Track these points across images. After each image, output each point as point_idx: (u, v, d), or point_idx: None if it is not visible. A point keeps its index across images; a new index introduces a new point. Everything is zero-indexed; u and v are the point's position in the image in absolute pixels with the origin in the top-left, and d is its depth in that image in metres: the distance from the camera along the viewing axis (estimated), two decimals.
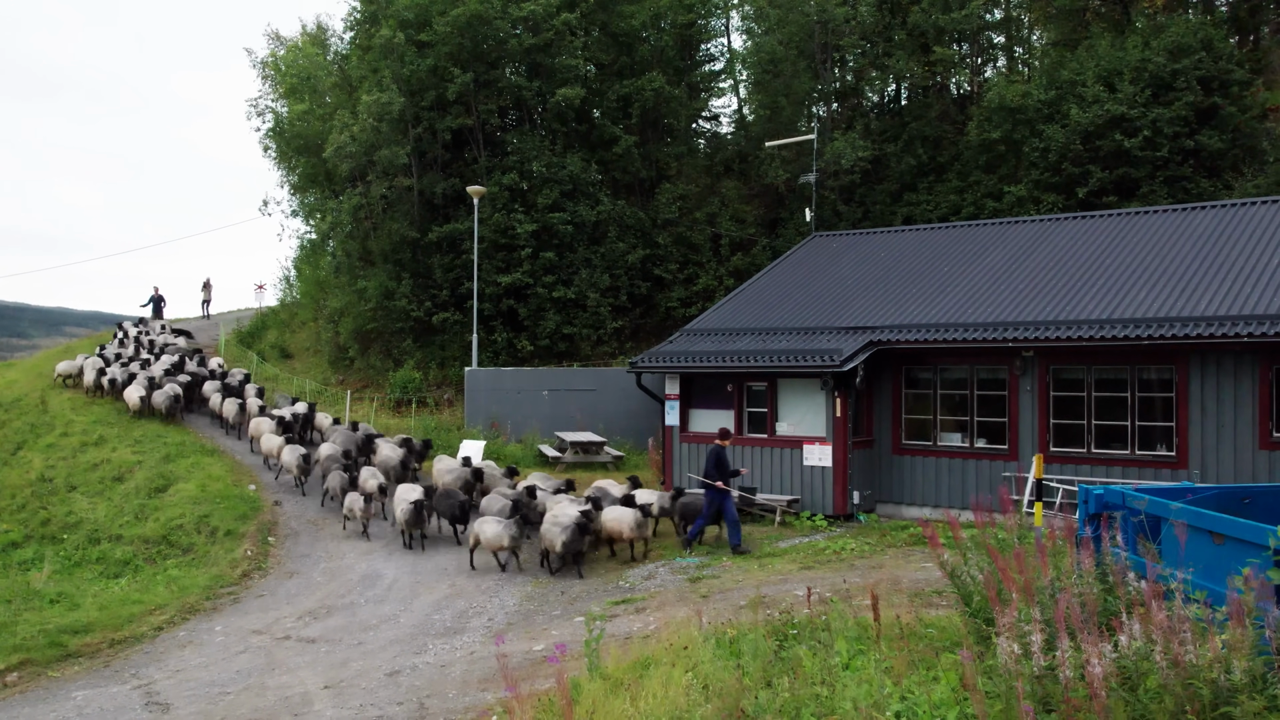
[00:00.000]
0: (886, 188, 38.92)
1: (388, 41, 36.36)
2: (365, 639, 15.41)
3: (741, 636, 10.75)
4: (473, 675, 13.06)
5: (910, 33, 40.08)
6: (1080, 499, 9.08)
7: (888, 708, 7.25)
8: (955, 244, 26.38)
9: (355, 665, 14.02)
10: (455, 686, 12.66)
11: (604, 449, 28.14)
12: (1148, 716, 5.76)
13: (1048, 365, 20.55)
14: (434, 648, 14.62)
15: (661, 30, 42.07)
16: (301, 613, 17.18)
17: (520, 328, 37.08)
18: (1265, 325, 17.84)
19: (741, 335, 24.45)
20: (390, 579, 18.95)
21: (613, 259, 37.74)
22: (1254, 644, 5.77)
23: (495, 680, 12.33)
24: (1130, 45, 35.34)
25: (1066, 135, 33.92)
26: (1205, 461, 18.72)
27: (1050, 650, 6.18)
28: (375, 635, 15.59)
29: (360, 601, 17.67)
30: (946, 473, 21.57)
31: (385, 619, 16.50)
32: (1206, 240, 22.05)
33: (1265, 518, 7.07)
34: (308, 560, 20.69)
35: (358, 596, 17.99)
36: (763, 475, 22.57)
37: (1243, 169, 33.15)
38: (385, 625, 16.14)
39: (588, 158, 38.80)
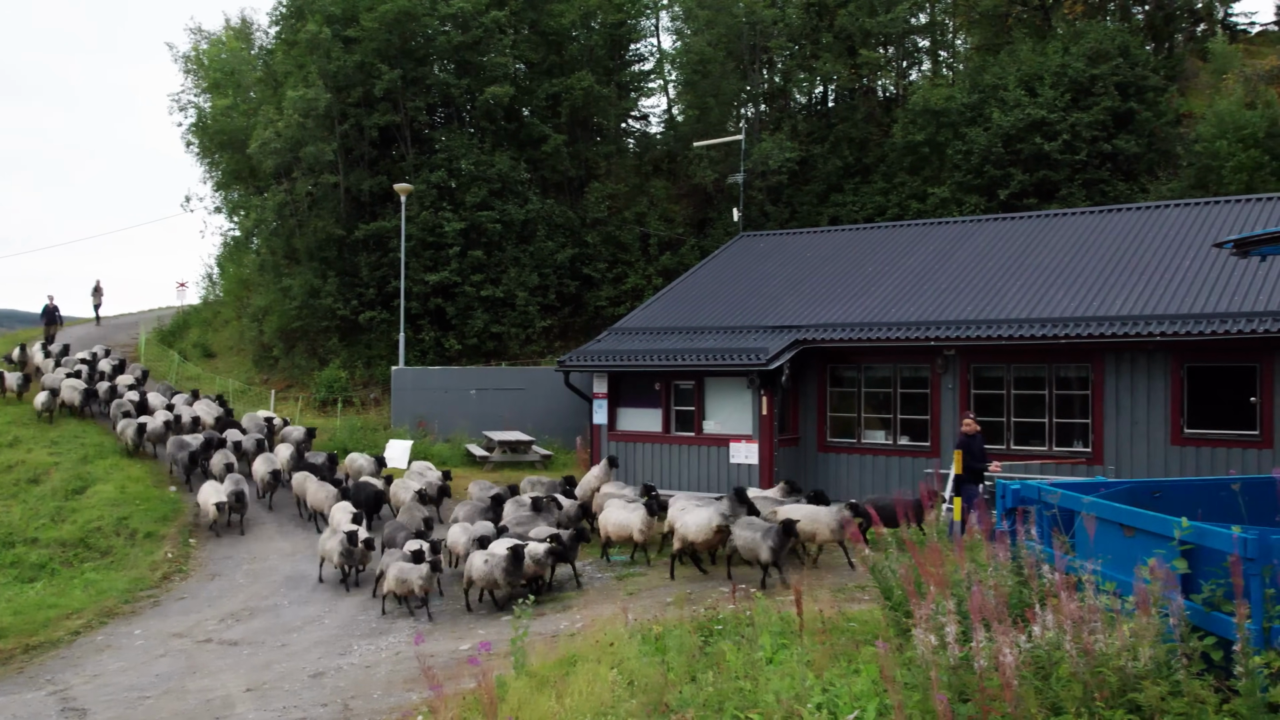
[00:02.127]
0: (813, 188, 39.31)
1: (314, 37, 35.93)
2: (289, 641, 15.23)
3: (667, 632, 10.82)
4: (398, 675, 12.98)
5: (837, 35, 40.52)
6: (998, 494, 9.26)
7: (809, 700, 7.34)
8: (880, 244, 26.73)
9: (279, 667, 13.86)
10: (380, 687, 12.57)
11: (532, 448, 28.08)
12: (1058, 704, 5.89)
13: (969, 364, 20.91)
14: (359, 648, 14.50)
15: (591, 30, 42.05)
16: (224, 615, 16.93)
17: (448, 326, 36.83)
18: (1177, 325, 18.32)
19: (669, 334, 24.54)
20: (314, 580, 18.74)
21: (541, 258, 37.64)
22: (1159, 632, 5.93)
23: (421, 680, 12.26)
24: (1051, 51, 36.08)
25: (988, 138, 34.53)
26: (1120, 457, 19.18)
27: (966, 641, 6.30)
28: (299, 637, 15.41)
29: (284, 603, 17.45)
30: (870, 469, 21.86)
31: (310, 620, 16.32)
32: (1122, 242, 22.58)
33: (1175, 511, 7.26)
34: (230, 562, 20.38)
35: (281, 598, 17.77)
36: (689, 473, 22.69)
37: (1158, 173, 34.01)
38: (310, 626, 15.96)
39: (516, 156, 38.65)
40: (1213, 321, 18.11)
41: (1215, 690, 5.78)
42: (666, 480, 22.81)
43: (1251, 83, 34.73)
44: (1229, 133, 31.57)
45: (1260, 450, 17.98)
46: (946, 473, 19.61)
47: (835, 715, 7.08)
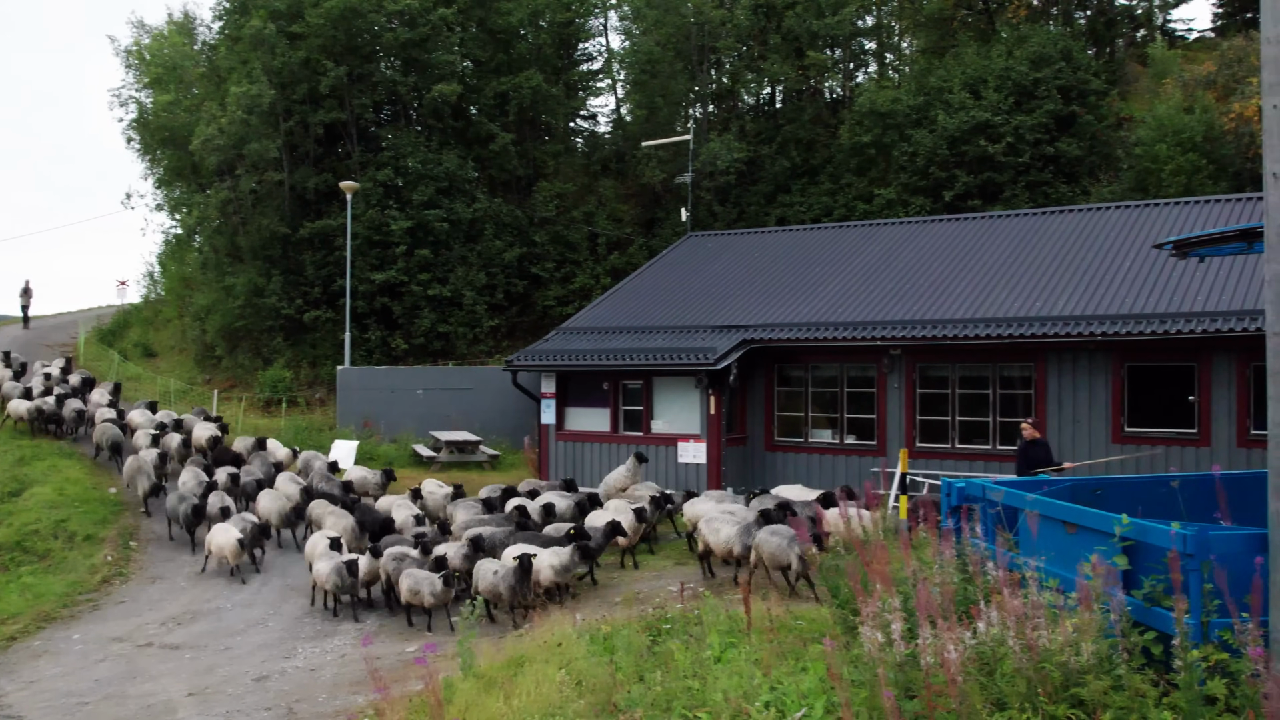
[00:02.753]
0: (761, 189, 39.47)
1: (258, 32, 35.50)
2: (232, 644, 15.02)
3: (615, 632, 10.81)
4: (343, 678, 12.86)
5: (785, 37, 40.72)
6: (943, 492, 9.34)
7: (757, 698, 7.36)
8: (827, 245, 26.91)
9: (222, 671, 13.67)
10: (325, 690, 12.44)
11: (480, 448, 27.94)
12: (1003, 699, 5.95)
13: (914, 363, 21.10)
14: (304, 651, 14.34)
15: (540, 28, 41.94)
16: (165, 619, 16.66)
17: (395, 326, 36.56)
18: (1118, 324, 18.61)
19: (618, 334, 24.53)
20: (259, 582, 18.51)
21: (489, 257, 37.47)
22: (1101, 627, 6.01)
23: (367, 683, 12.14)
24: (995, 54, 36.52)
25: (934, 140, 34.86)
26: (1062, 455, 19.41)
27: (912, 638, 6.34)
28: (243, 640, 15.21)
29: (227, 606, 17.21)
30: (818, 468, 21.98)
31: (253, 623, 16.11)
32: (1064, 243, 22.89)
33: (1116, 508, 7.37)
34: (172, 565, 20.07)
35: (224, 601, 17.52)
36: (640, 473, 22.66)
37: (1099, 175, 34.53)
38: (253, 630, 15.76)
39: (464, 155, 38.45)
40: (1152, 322, 18.42)
41: (1155, 684, 5.87)
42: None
43: (1189, 88, 35.34)
44: (1168, 136, 32.12)
45: (1198, 448, 18.32)
46: (893, 471, 19.78)
47: (783, 713, 7.11)
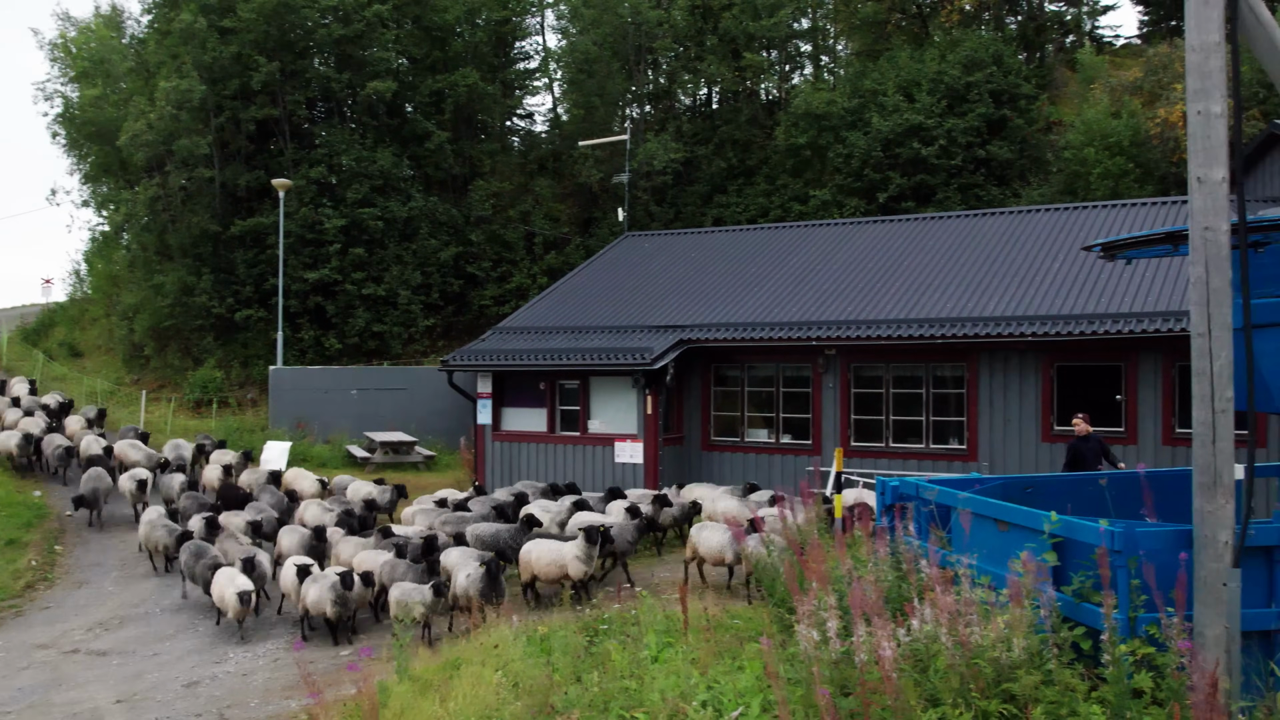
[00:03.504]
0: (698, 189, 39.61)
1: (188, 26, 34.92)
2: (161, 649, 14.75)
3: (552, 633, 10.77)
4: (276, 683, 12.68)
5: (721, 38, 40.91)
6: (878, 491, 9.43)
7: (694, 698, 7.37)
8: (763, 245, 27.05)
9: (150, 677, 13.41)
10: (257, 695, 12.26)
11: (415, 449, 27.73)
12: (936, 695, 6.01)
13: (849, 363, 21.28)
14: (235, 656, 14.11)
15: (476, 26, 41.72)
16: (92, 624, 16.31)
17: (328, 325, 36.16)
18: (1048, 325, 18.92)
19: (555, 334, 24.46)
20: (189, 586, 18.19)
21: (425, 256, 37.20)
22: (1032, 623, 6.10)
23: (300, 687, 11.99)
24: (928, 58, 36.98)
25: (868, 142, 35.22)
26: (994, 453, 19.73)
27: (847, 636, 6.39)
28: (172, 645, 14.94)
29: (156, 611, 16.89)
30: (754, 467, 22.09)
31: (183, 628, 15.82)
32: (996, 245, 23.23)
33: (1046, 506, 7.48)
34: (99, 569, 19.65)
35: (153, 605, 17.19)
36: (574, 473, 22.63)
37: (1029, 178, 35.12)
38: (183, 634, 15.48)
39: (399, 153, 38.13)
40: (1081, 322, 18.74)
41: (1084, 678, 5.96)
42: (550, 481, 22.70)
43: (1117, 93, 36.05)
44: (1096, 141, 32.74)
45: (1126, 446, 18.67)
46: (828, 470, 19.93)
47: (720, 712, 7.12)
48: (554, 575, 14.56)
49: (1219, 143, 6.22)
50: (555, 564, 14.48)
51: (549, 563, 14.52)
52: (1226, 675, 5.86)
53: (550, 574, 14.57)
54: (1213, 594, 6.06)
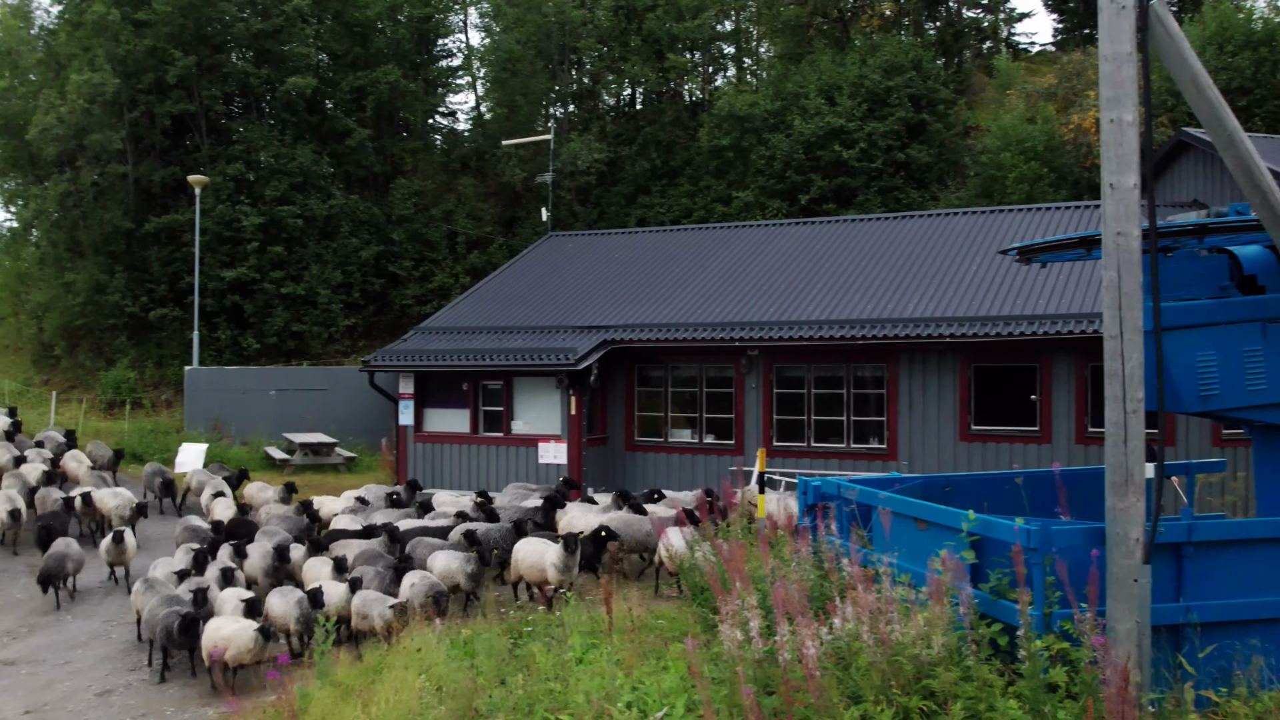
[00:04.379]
0: (621, 190, 39.66)
1: (101, 18, 34.07)
2: (73, 658, 14.36)
3: (476, 636, 10.70)
4: (192, 691, 12.42)
5: (645, 39, 40.99)
6: (800, 491, 9.52)
7: (619, 698, 7.37)
8: (687, 246, 27.16)
9: (61, 687, 13.05)
10: (173, 703, 12.01)
11: (335, 450, 27.38)
12: (858, 692, 6.09)
13: (772, 364, 21.46)
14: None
15: (398, 23, 41.33)
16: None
17: (246, 325, 35.55)
18: (965, 326, 19.26)
19: (478, 334, 24.33)
20: (103, 592, 17.76)
21: (345, 255, 36.74)
22: (951, 620, 6.21)
23: (218, 695, 11.77)
24: (849, 61, 37.44)
25: (790, 144, 35.54)
26: (913, 453, 20.03)
27: (771, 635, 6.44)
28: (85, 653, 14.56)
29: (68, 617, 16.45)
30: (677, 468, 22.17)
31: (96, 635, 15.43)
32: (915, 247, 23.58)
33: (964, 504, 7.62)
34: (7, 575, 19.08)
35: (65, 611, 16.74)
36: (497, 474, 22.53)
37: (947, 182, 35.74)
38: (96, 642, 15.10)
39: (319, 150, 37.61)
40: (997, 324, 19.10)
41: (1002, 674, 6.08)
42: (473, 482, 22.58)
43: (1032, 99, 36.85)
44: (1012, 145, 33.41)
45: (1040, 445, 19.08)
46: (751, 470, 20.07)
47: (645, 713, 7.14)
48: (535, 578, 14.46)
49: (1131, 150, 6.38)
50: (536, 567, 14.41)
51: (530, 565, 14.47)
52: (1137, 669, 6.02)
53: (532, 576, 14.48)
54: (1124, 590, 6.22)
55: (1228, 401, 7.85)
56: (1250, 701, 6.12)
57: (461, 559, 14.19)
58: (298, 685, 10.08)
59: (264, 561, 15.06)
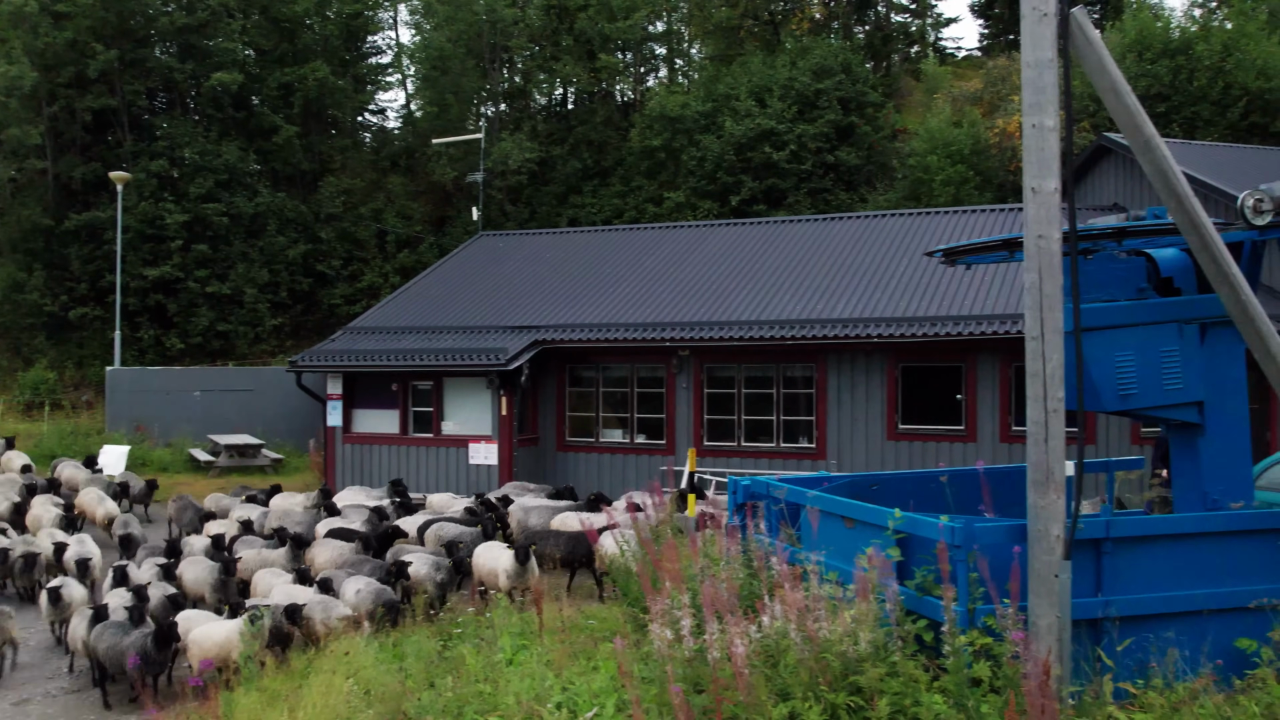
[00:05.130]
0: (553, 189, 39.58)
1: (18, 9, 33.27)
2: None
3: (405, 639, 10.62)
4: (114, 699, 12.17)
5: (577, 39, 40.97)
6: (730, 490, 9.57)
7: (549, 699, 7.36)
8: (618, 246, 27.18)
9: None
10: (94, 711, 11.77)
11: (261, 452, 26.99)
12: (786, 690, 6.13)
13: (702, 364, 21.55)
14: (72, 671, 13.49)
15: (327, 19, 40.86)
16: None
17: (170, 325, 34.93)
18: (893, 327, 19.49)
19: (407, 334, 24.12)
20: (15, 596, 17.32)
21: (272, 253, 36.24)
22: (877, 617, 6.27)
23: (140, 703, 11.54)
24: (779, 64, 37.74)
25: (721, 146, 35.74)
26: (842, 452, 20.23)
27: (700, 634, 6.46)
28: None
29: None
30: (609, 468, 22.18)
31: None
32: (844, 248, 23.83)
33: (891, 503, 7.70)
34: None
35: None
36: (427, 475, 22.36)
37: (876, 184, 36.18)
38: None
39: (246, 147, 37.06)
40: (924, 324, 19.37)
41: (927, 669, 6.16)
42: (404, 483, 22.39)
43: (958, 103, 37.43)
44: (939, 149, 33.91)
45: (966, 444, 19.38)
46: (681, 470, 20.14)
47: (575, 713, 7.13)
48: (490, 583, 14.28)
49: (1052, 154, 6.50)
50: (491, 572, 14.27)
51: (488, 571, 14.31)
52: (1058, 662, 6.13)
53: (490, 581, 14.30)
54: (1045, 585, 6.33)
55: (1146, 400, 8.03)
56: (1166, 693, 6.26)
57: (431, 564, 13.77)
58: (223, 691, 9.93)
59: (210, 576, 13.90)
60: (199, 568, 14.19)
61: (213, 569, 13.88)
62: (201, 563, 14.34)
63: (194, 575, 14.10)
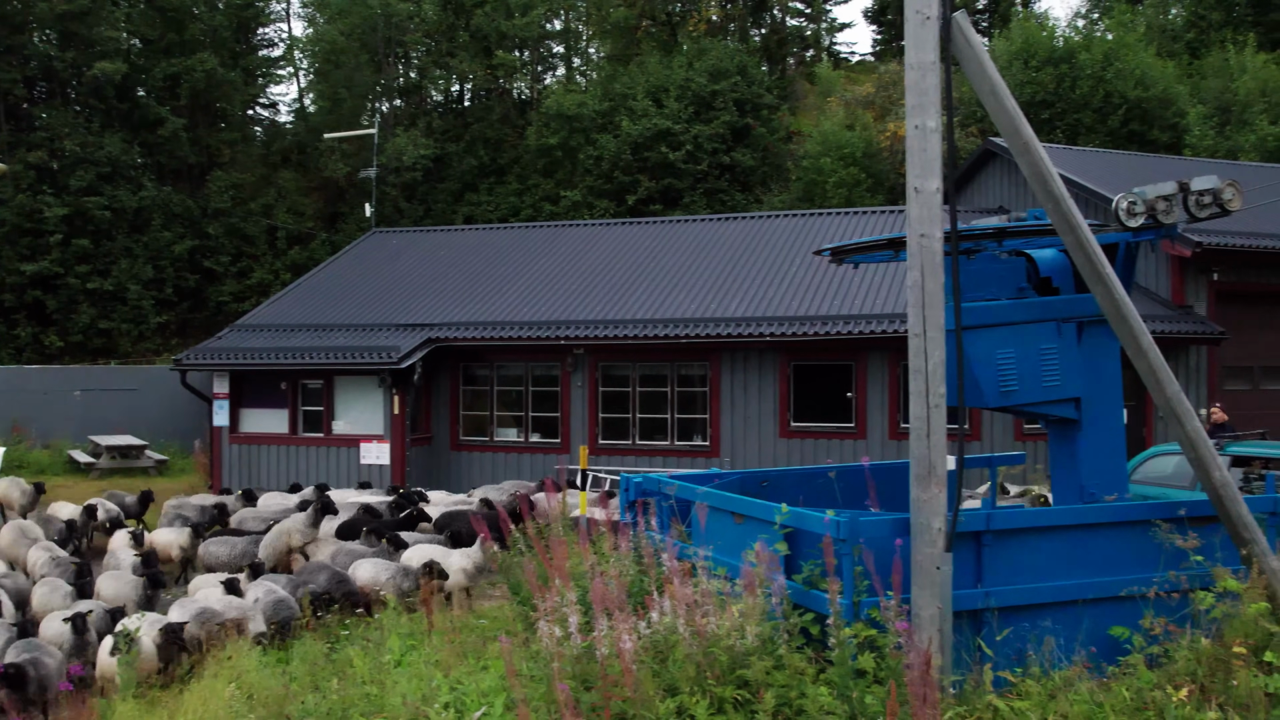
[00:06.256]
0: (448, 187, 39.22)
1: None
2: None
3: (290, 642, 10.41)
4: None
5: (474, 35, 40.67)
6: (622, 487, 9.58)
7: (436, 700, 7.27)
8: (514, 245, 27.04)
9: None
10: None
11: (145, 453, 26.23)
12: (675, 685, 6.14)
13: (597, 362, 21.55)
14: None
15: (215, 9, 39.86)
16: None
17: (48, 322, 33.73)
18: (785, 325, 19.73)
19: (297, 331, 23.66)
20: None
21: (157, 249, 35.23)
22: (764, 611, 6.33)
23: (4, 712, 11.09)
24: (676, 65, 37.96)
25: (618, 145, 35.80)
26: (735, 449, 20.41)
27: (589, 631, 6.44)
28: None
29: None
30: (503, 466, 22.05)
31: None
32: (738, 248, 24.04)
33: (781, 498, 7.76)
34: None
35: None
36: (318, 475, 21.96)
37: (770, 185, 36.59)
38: None
39: (130, 139, 35.96)
40: (815, 323, 19.64)
41: (813, 662, 6.23)
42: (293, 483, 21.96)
43: (851, 107, 38.06)
44: (832, 151, 34.44)
45: (856, 441, 19.70)
46: (575, 468, 20.10)
47: (462, 713, 7.05)
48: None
49: (934, 155, 6.62)
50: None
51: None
52: (939, 653, 6.25)
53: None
54: (927, 577, 6.45)
55: (1026, 397, 8.23)
56: (1043, 681, 6.42)
57: (390, 570, 12.92)
58: (100, 699, 9.63)
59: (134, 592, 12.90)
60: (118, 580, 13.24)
61: (136, 582, 12.97)
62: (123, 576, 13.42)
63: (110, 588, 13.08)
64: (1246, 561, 7.05)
